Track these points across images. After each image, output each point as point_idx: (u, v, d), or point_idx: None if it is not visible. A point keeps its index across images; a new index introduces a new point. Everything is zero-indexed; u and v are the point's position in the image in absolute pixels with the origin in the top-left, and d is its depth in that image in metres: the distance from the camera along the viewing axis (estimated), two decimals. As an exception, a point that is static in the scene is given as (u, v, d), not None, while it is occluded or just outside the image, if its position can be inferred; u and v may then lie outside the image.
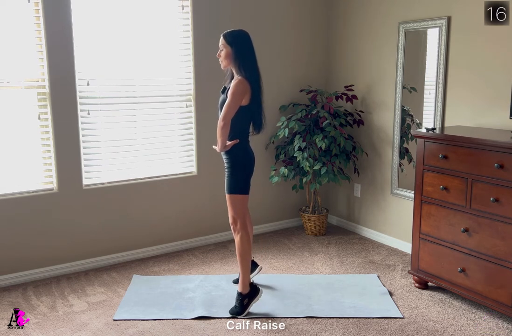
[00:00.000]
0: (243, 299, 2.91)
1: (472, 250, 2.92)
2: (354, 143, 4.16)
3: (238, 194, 2.90)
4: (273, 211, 4.47)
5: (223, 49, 2.85)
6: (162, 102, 3.81)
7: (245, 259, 2.94)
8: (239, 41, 2.83)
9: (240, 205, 2.92)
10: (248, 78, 2.80)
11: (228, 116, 2.78)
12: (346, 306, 3.04)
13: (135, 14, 3.60)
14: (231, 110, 2.78)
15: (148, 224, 3.87)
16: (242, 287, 2.92)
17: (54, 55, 3.32)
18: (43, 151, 3.44)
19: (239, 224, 2.94)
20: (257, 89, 2.85)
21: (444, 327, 2.82)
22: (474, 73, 3.32)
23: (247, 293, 2.92)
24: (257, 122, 2.95)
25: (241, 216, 2.94)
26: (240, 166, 2.90)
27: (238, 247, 2.95)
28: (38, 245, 3.46)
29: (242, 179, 2.90)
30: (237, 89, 2.77)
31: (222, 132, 2.80)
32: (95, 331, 2.79)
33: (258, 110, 2.91)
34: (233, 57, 2.81)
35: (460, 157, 2.92)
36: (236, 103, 2.78)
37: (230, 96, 2.77)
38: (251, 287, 2.94)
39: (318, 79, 4.48)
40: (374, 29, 4.01)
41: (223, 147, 2.84)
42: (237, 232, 2.96)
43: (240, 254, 2.94)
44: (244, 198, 2.93)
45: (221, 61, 2.90)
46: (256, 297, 2.94)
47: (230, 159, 2.89)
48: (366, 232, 4.32)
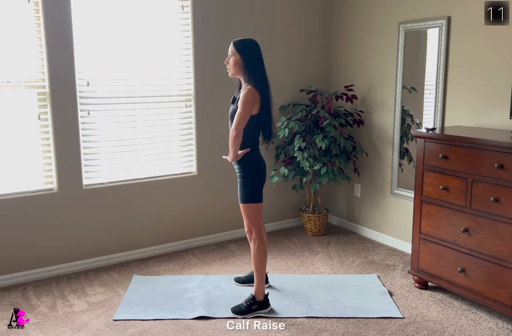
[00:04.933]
0: (253, 304, 2.92)
1: (472, 250, 2.92)
2: (354, 143, 4.16)
3: (252, 202, 2.89)
4: (273, 211, 4.47)
5: (232, 56, 2.83)
6: (162, 102, 3.81)
7: (261, 267, 2.95)
8: (249, 50, 2.82)
9: (254, 214, 2.92)
10: (257, 87, 2.79)
11: (240, 126, 2.77)
12: (346, 306, 3.04)
13: (135, 14, 3.60)
14: (242, 120, 2.77)
15: (148, 224, 3.87)
16: (257, 293, 2.94)
17: (54, 55, 3.32)
18: (43, 151, 3.44)
19: (255, 232, 2.94)
20: (267, 98, 2.85)
21: (444, 327, 2.82)
22: (474, 73, 3.32)
23: (260, 301, 2.94)
24: (267, 131, 2.95)
25: (256, 225, 2.94)
26: (252, 175, 2.89)
27: (254, 255, 2.96)
28: (38, 245, 3.46)
29: (255, 188, 2.90)
30: (247, 99, 2.76)
31: (235, 143, 2.79)
32: (95, 331, 2.79)
33: (267, 119, 2.91)
34: (242, 66, 2.81)
35: (460, 157, 2.92)
36: (247, 113, 2.77)
37: (241, 106, 2.76)
38: (265, 297, 2.96)
39: (318, 79, 4.48)
40: (374, 29, 4.01)
41: (235, 157, 2.84)
42: (253, 241, 2.96)
43: (256, 262, 2.95)
44: (258, 206, 2.92)
45: (228, 69, 2.89)
46: (264, 310, 2.95)
47: (242, 169, 2.88)
48: (366, 232, 4.32)
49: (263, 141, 2.99)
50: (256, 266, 2.96)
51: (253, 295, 2.94)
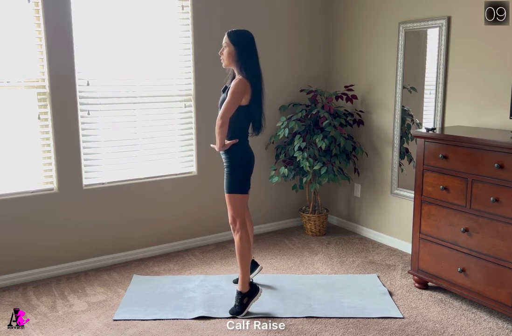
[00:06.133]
0: (242, 298, 2.92)
1: (472, 250, 2.92)
2: (354, 143, 4.16)
3: (237, 193, 2.90)
4: (273, 211, 4.47)
5: (226, 47, 2.84)
6: (162, 102, 3.81)
7: (244, 258, 2.94)
8: (243, 41, 2.83)
9: (239, 204, 2.92)
10: (249, 79, 2.80)
11: (227, 115, 2.78)
12: (346, 306, 3.04)
13: (135, 14, 3.60)
14: (229, 109, 2.78)
15: (148, 224, 3.87)
16: (242, 286, 2.93)
17: (54, 55, 3.32)
18: (43, 151, 3.43)
19: (238, 223, 2.94)
20: (258, 90, 2.85)
21: (444, 327, 2.82)
22: (474, 73, 3.32)
23: (247, 292, 2.92)
24: (257, 123, 2.96)
25: (240, 216, 2.94)
26: (239, 165, 2.90)
27: (237, 246, 2.95)
28: (38, 245, 3.46)
29: (241, 178, 2.91)
30: (236, 88, 2.77)
31: (220, 131, 2.81)
32: (95, 331, 2.79)
33: (258, 111, 2.91)
34: (236, 56, 2.82)
35: (460, 157, 2.92)
36: (235, 102, 2.78)
37: (230, 95, 2.78)
38: (250, 286, 2.95)
39: (318, 79, 4.48)
40: (374, 29, 4.01)
41: (221, 146, 2.85)
42: (236, 231, 2.96)
43: (239, 253, 2.94)
44: (243, 197, 2.93)
45: (222, 60, 2.90)
46: (256, 296, 2.94)
47: (229, 159, 2.89)
48: (366, 232, 4.32)
49: (252, 133, 3.00)
50: (240, 257, 2.94)
51: (239, 291, 2.92)
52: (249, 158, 2.95)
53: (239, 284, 2.94)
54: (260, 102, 2.90)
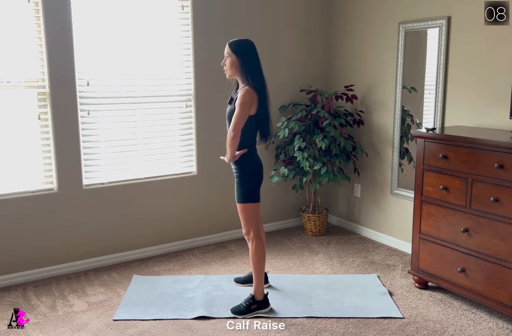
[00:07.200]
0: (252, 303, 2.92)
1: (472, 250, 2.92)
2: (354, 143, 4.16)
3: (249, 202, 2.89)
4: (273, 211, 4.47)
5: (228, 57, 2.83)
6: (162, 102, 3.81)
7: (259, 267, 2.95)
8: (245, 50, 2.82)
9: (252, 214, 2.91)
10: (255, 88, 2.79)
11: (238, 127, 2.78)
12: (346, 306, 3.04)
13: (135, 14, 3.60)
14: (240, 121, 2.77)
15: (148, 224, 3.87)
16: (257, 293, 2.94)
17: (54, 55, 3.32)
18: (43, 151, 3.43)
19: (253, 232, 2.93)
20: (264, 98, 2.85)
21: (444, 327, 2.82)
22: (474, 73, 3.32)
23: (260, 300, 2.94)
24: (265, 131, 2.96)
25: (254, 225, 2.93)
26: (249, 175, 2.89)
27: (252, 256, 2.95)
28: (38, 245, 3.46)
29: (252, 187, 2.90)
30: (244, 99, 2.76)
31: (232, 143, 2.80)
32: (95, 331, 2.79)
33: (265, 119, 2.91)
34: (239, 66, 2.81)
35: (460, 157, 2.92)
36: (245, 113, 2.77)
37: (239, 107, 2.76)
38: (264, 297, 2.96)
39: (318, 79, 4.48)
40: (374, 29, 4.01)
41: (232, 158, 2.84)
42: (251, 241, 2.95)
43: (254, 263, 2.95)
44: (255, 206, 2.92)
45: (225, 71, 2.89)
46: (264, 310, 2.95)
47: (239, 169, 2.89)
48: (366, 232, 4.32)
49: (261, 140, 2.99)
50: (254, 266, 2.95)
51: (252, 295, 2.94)
52: (259, 167, 2.94)
53: (253, 289, 2.95)
54: (267, 110, 2.91)
